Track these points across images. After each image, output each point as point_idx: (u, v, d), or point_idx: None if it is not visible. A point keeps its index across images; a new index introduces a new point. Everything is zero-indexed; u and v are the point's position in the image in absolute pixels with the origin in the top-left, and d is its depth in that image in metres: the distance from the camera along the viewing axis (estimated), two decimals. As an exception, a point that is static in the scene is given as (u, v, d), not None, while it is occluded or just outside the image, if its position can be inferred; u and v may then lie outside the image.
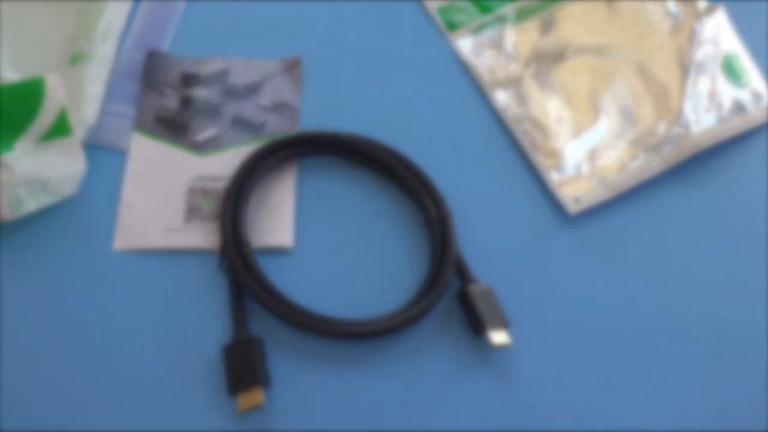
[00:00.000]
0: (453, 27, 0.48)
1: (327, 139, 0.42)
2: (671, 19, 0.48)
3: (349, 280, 0.39)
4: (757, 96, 0.46)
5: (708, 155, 0.44)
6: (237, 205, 0.39)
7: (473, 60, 0.47)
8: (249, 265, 0.37)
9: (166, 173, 0.41)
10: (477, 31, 0.48)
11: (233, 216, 0.39)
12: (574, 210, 0.42)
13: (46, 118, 0.37)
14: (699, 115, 0.44)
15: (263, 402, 0.34)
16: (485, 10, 0.49)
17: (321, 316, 0.36)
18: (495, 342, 0.36)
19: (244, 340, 0.36)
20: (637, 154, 0.43)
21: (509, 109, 0.45)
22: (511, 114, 0.45)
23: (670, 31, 0.47)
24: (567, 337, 0.38)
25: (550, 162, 0.43)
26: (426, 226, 0.40)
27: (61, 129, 0.38)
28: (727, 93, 0.45)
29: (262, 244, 0.39)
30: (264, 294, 0.37)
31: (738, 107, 0.45)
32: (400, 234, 0.41)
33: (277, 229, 0.40)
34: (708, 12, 0.48)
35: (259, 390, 0.34)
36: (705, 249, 0.41)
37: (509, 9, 0.49)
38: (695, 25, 0.47)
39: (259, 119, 0.43)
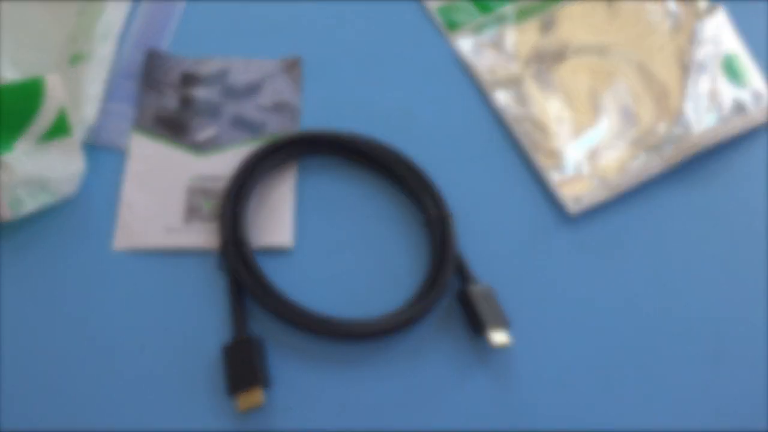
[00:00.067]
0: (453, 27, 0.48)
1: (327, 139, 0.42)
2: (671, 19, 0.48)
3: (349, 280, 0.39)
4: (758, 96, 0.46)
5: (708, 155, 0.44)
6: (237, 205, 0.39)
7: (473, 60, 0.47)
8: (249, 265, 0.37)
9: (166, 173, 0.41)
10: (477, 31, 0.48)
11: (233, 216, 0.39)
12: (574, 210, 0.42)
13: (46, 118, 0.37)
14: (699, 115, 0.44)
15: (263, 402, 0.34)
16: (485, 10, 0.49)
17: (321, 316, 0.36)
18: (495, 342, 0.36)
19: (244, 340, 0.36)
20: (638, 154, 0.43)
21: (509, 109, 0.45)
22: (511, 114, 0.45)
23: (670, 31, 0.47)
24: (567, 337, 0.38)
25: (550, 162, 0.43)
26: (426, 226, 0.40)
27: (61, 129, 0.38)
28: (728, 93, 0.45)
29: (261, 244, 0.39)
30: (264, 294, 0.37)
31: (738, 107, 0.45)
32: (400, 234, 0.41)
33: (277, 229, 0.40)
34: (708, 12, 0.48)
35: (259, 390, 0.34)
36: (705, 249, 0.41)
37: (509, 9, 0.49)
38: (695, 25, 0.47)
39: (259, 119, 0.43)
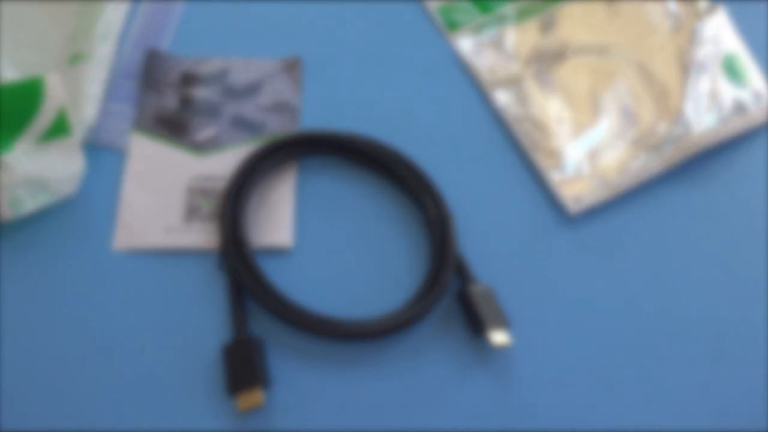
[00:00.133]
0: (453, 27, 0.48)
1: (327, 139, 0.42)
2: (671, 19, 0.48)
3: (349, 280, 0.39)
4: (758, 96, 0.46)
5: (708, 155, 0.44)
6: (237, 205, 0.39)
7: (473, 60, 0.47)
8: (249, 265, 0.37)
9: (165, 173, 0.41)
10: (477, 31, 0.48)
11: (233, 216, 0.39)
12: (574, 210, 0.42)
13: (45, 117, 0.37)
14: (699, 115, 0.44)
15: (263, 402, 0.34)
16: (485, 9, 0.49)
17: (321, 316, 0.36)
18: (495, 342, 0.36)
19: (244, 340, 0.36)
20: (638, 154, 0.43)
21: (509, 109, 0.45)
22: (511, 114, 0.45)
23: (670, 31, 0.47)
24: (567, 337, 0.38)
25: (550, 162, 0.43)
26: (426, 226, 0.40)
27: (61, 129, 0.38)
28: (728, 93, 0.45)
29: (261, 244, 0.39)
30: (264, 294, 0.37)
31: (738, 107, 0.45)
32: (400, 234, 0.41)
33: (277, 229, 0.40)
34: (708, 12, 0.48)
35: (259, 390, 0.34)
36: (705, 249, 0.41)
37: (509, 9, 0.49)
38: (696, 25, 0.47)
39: (259, 119, 0.43)
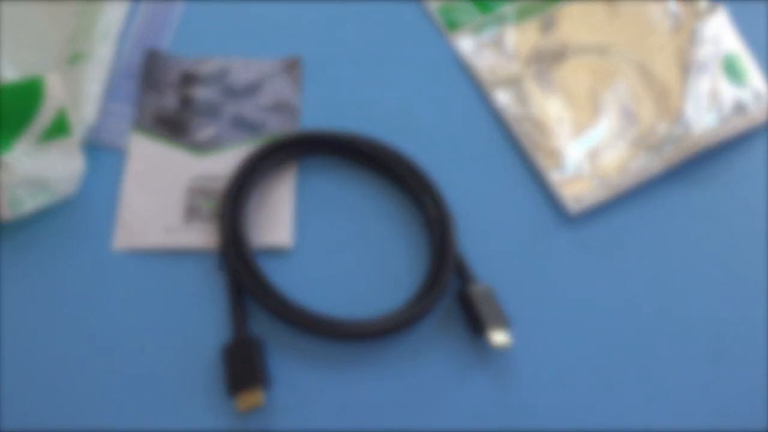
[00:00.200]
0: (453, 27, 0.48)
1: (327, 139, 0.42)
2: (672, 19, 0.48)
3: (349, 280, 0.39)
4: (758, 96, 0.46)
5: (708, 155, 0.44)
6: (236, 205, 0.39)
7: (473, 60, 0.47)
8: (248, 265, 0.37)
9: (165, 173, 0.41)
10: (477, 31, 0.48)
11: (233, 216, 0.39)
12: (574, 210, 0.42)
13: (45, 117, 0.37)
14: (699, 115, 0.44)
15: (263, 402, 0.34)
16: (485, 9, 0.49)
17: (321, 316, 0.36)
18: (495, 342, 0.36)
19: (244, 340, 0.36)
20: (638, 153, 0.43)
21: (509, 109, 0.45)
22: (511, 114, 0.45)
23: (670, 31, 0.47)
24: (567, 337, 0.38)
25: (550, 162, 0.43)
26: (426, 226, 0.40)
27: (61, 129, 0.38)
28: (728, 93, 0.45)
29: (261, 244, 0.39)
30: (264, 294, 0.37)
31: (739, 107, 0.45)
32: (400, 234, 0.41)
33: (277, 229, 0.40)
34: (708, 12, 0.48)
35: (259, 390, 0.34)
36: (705, 249, 0.41)
37: (509, 9, 0.49)
38: (696, 25, 0.47)
39: (259, 119, 0.43)
